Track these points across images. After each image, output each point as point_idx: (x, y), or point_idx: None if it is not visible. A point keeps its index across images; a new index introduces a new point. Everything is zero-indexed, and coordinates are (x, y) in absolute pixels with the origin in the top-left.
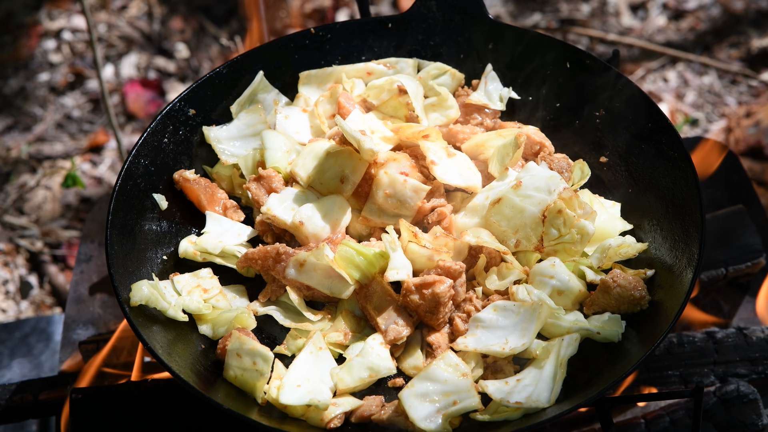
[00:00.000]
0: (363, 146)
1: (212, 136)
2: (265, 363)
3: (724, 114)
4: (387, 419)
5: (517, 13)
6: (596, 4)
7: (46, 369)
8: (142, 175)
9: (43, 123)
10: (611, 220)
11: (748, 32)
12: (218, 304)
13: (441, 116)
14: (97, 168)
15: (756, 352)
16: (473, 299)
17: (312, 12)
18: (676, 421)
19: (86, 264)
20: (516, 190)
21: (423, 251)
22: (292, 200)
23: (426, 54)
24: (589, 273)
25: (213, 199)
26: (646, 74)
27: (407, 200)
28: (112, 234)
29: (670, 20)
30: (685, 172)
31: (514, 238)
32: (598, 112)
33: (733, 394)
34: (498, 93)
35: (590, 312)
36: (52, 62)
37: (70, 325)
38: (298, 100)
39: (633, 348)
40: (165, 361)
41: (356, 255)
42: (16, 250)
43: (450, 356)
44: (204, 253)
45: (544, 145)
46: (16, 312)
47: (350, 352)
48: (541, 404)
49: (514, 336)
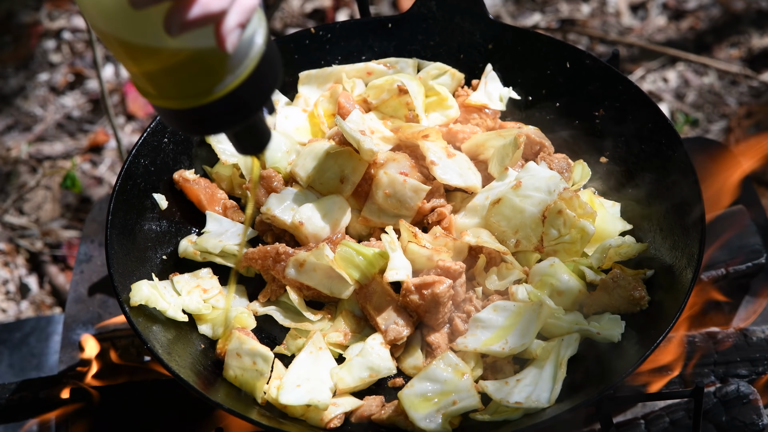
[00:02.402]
0: (363, 146)
1: (212, 136)
2: (265, 363)
3: (724, 114)
4: (387, 419)
5: (517, 13)
6: (596, 4)
7: (46, 369)
8: (142, 175)
9: (43, 123)
10: (611, 220)
11: (748, 32)
12: (218, 304)
13: (441, 116)
14: (97, 168)
15: (756, 353)
16: (473, 299)
17: (312, 12)
18: (676, 422)
19: (86, 264)
20: (516, 190)
21: (423, 251)
22: (291, 200)
23: (426, 54)
24: (589, 273)
25: (213, 199)
26: (646, 74)
27: (407, 200)
28: (112, 234)
29: (670, 20)
30: (685, 172)
31: (514, 239)
32: (598, 112)
33: (733, 395)
34: (498, 93)
35: (590, 312)
36: (52, 62)
37: (70, 325)
38: (298, 100)
39: (633, 348)
40: (165, 361)
41: (356, 255)
42: (16, 251)
43: (450, 356)
44: (204, 253)
45: (544, 145)
46: (16, 312)
47: (350, 352)
48: (541, 404)
49: (513, 336)
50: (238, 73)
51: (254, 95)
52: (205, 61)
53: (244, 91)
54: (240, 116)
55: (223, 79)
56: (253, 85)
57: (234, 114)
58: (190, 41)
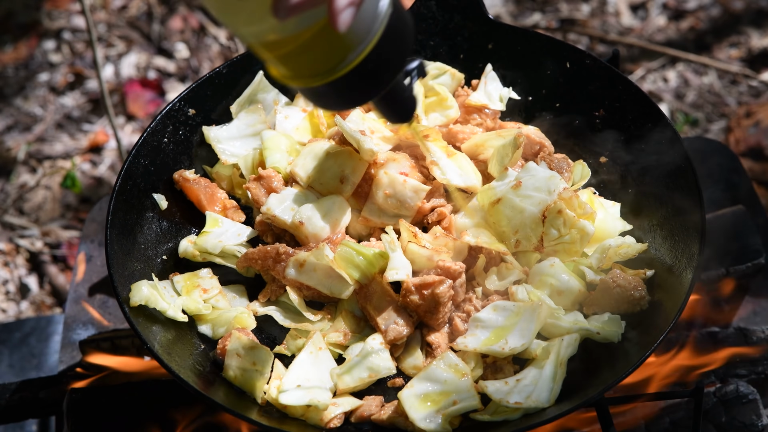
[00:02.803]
0: (363, 146)
1: (212, 136)
2: (265, 363)
3: (724, 114)
4: (387, 419)
5: (517, 13)
6: (596, 4)
7: (46, 369)
8: (142, 175)
9: (43, 123)
10: (611, 220)
11: (748, 32)
12: (218, 304)
13: (441, 116)
14: (97, 168)
15: (756, 353)
16: (473, 299)
17: None
18: (676, 422)
19: (86, 264)
20: (516, 190)
21: (423, 251)
22: (291, 200)
23: (426, 54)
24: (589, 273)
25: (213, 199)
26: (646, 74)
27: (407, 200)
28: (112, 234)
29: (670, 20)
30: (685, 172)
31: (514, 239)
32: (598, 112)
33: (733, 395)
34: (498, 93)
35: (590, 312)
36: (52, 62)
37: (70, 325)
38: (298, 100)
39: (633, 348)
40: (165, 361)
41: (356, 255)
42: (16, 250)
43: (450, 356)
44: (204, 253)
45: (543, 145)
46: (16, 312)
47: (350, 352)
48: (541, 404)
49: (513, 336)
50: (362, 47)
51: (384, 65)
52: (327, 39)
53: (372, 62)
54: (374, 87)
55: (347, 55)
56: (381, 56)
57: (367, 86)
58: (305, 22)
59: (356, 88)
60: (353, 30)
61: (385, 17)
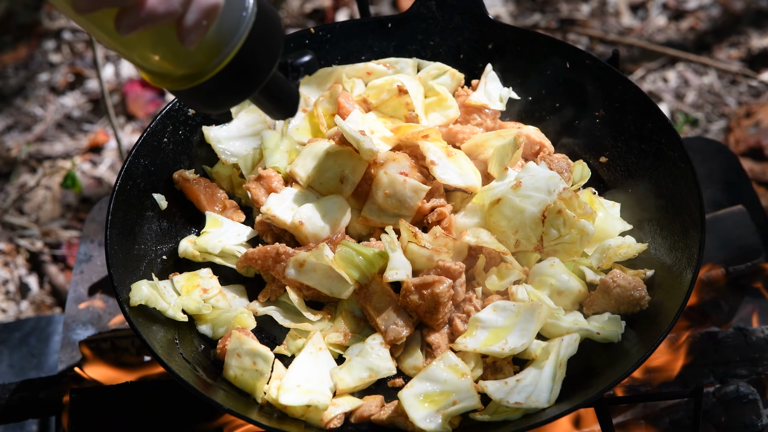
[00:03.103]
0: (363, 146)
1: (212, 136)
2: (265, 363)
3: (724, 114)
4: (387, 419)
5: (517, 13)
6: (596, 4)
7: (46, 369)
8: (142, 175)
9: (43, 123)
10: (611, 220)
11: (748, 32)
12: (218, 304)
13: (441, 116)
14: (97, 168)
15: (756, 353)
16: (473, 299)
17: (312, 12)
18: (676, 422)
19: (86, 264)
20: (516, 190)
21: (423, 251)
22: (291, 200)
23: (426, 54)
24: (589, 273)
25: (213, 199)
26: (646, 74)
27: (407, 200)
28: (111, 234)
29: (670, 20)
30: (685, 172)
31: (514, 238)
32: (598, 112)
33: (733, 395)
34: (498, 93)
35: (590, 312)
36: (52, 62)
37: (70, 325)
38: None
39: (633, 348)
40: (165, 361)
41: (356, 255)
42: (16, 250)
43: (450, 356)
44: (204, 253)
45: (543, 145)
46: (16, 312)
47: (350, 353)
48: (541, 404)
49: (513, 336)
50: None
51: (252, 68)
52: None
53: (238, 66)
54: (245, 87)
55: (211, 60)
56: (248, 59)
57: (237, 87)
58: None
59: (225, 90)
60: (211, 40)
61: (249, 20)
